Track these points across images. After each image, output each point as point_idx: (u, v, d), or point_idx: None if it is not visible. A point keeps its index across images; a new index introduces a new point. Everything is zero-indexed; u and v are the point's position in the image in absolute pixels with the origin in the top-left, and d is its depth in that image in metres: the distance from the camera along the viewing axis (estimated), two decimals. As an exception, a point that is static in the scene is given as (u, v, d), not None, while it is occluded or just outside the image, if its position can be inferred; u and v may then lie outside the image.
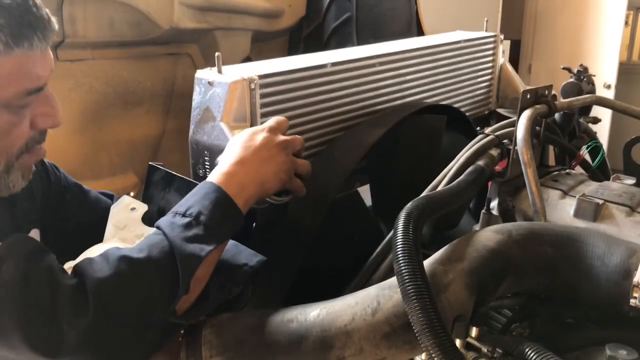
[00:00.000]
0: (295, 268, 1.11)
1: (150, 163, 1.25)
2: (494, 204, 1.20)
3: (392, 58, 1.48)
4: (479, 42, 1.79)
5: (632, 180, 1.26)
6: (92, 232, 1.13)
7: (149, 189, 1.22)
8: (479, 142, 1.24)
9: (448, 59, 1.68)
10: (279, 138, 1.04)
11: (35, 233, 1.09)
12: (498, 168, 1.23)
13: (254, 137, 1.03)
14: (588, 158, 1.54)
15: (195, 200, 0.94)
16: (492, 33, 1.84)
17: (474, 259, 0.92)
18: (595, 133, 1.65)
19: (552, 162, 1.51)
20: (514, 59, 4.64)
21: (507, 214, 1.18)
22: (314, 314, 0.92)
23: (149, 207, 1.16)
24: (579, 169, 1.46)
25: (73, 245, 1.02)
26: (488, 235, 0.96)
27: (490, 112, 1.89)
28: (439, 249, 0.97)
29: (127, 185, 1.88)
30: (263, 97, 1.19)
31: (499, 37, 1.85)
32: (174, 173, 1.19)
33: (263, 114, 1.19)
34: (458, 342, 0.85)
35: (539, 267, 0.95)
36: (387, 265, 1.09)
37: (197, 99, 1.20)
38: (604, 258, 0.90)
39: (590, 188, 1.18)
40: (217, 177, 0.98)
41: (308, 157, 1.28)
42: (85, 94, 1.78)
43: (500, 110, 1.87)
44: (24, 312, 0.78)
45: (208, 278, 0.93)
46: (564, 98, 1.56)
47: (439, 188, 1.14)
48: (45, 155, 1.01)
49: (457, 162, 1.19)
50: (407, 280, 0.81)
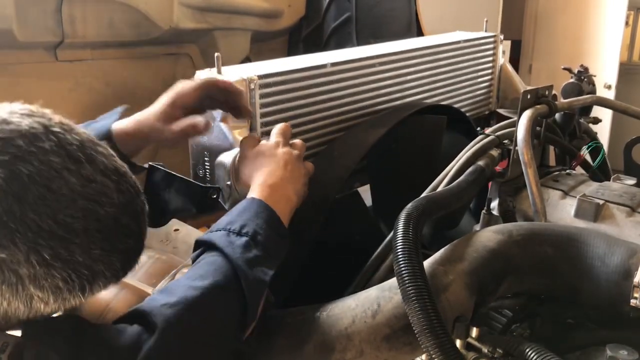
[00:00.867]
0: (297, 268, 1.11)
1: (150, 163, 1.24)
2: (495, 204, 1.20)
3: (392, 58, 1.48)
4: (479, 42, 1.79)
5: (632, 181, 1.26)
6: None
7: (149, 190, 1.22)
8: (480, 142, 1.24)
9: (448, 59, 1.68)
10: (296, 151, 1.05)
11: None
12: (498, 168, 1.23)
13: (276, 152, 1.02)
14: (588, 158, 1.54)
15: (249, 218, 0.89)
16: (491, 33, 1.84)
17: (474, 260, 0.92)
18: (596, 133, 1.65)
19: (552, 162, 1.51)
20: (515, 59, 4.64)
21: (507, 214, 1.17)
22: (315, 317, 0.92)
23: (149, 207, 1.15)
24: (580, 169, 1.46)
25: None
26: (488, 236, 0.96)
27: (491, 112, 1.89)
28: (439, 249, 0.96)
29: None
30: (262, 97, 1.19)
31: (499, 37, 1.85)
32: (174, 173, 1.19)
33: (263, 114, 1.19)
34: (458, 342, 0.85)
35: (540, 267, 0.95)
36: (387, 266, 1.09)
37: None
38: (605, 258, 0.90)
39: (591, 188, 1.18)
40: (260, 192, 0.96)
41: (308, 157, 1.28)
42: (85, 94, 1.78)
43: (501, 111, 1.87)
44: None
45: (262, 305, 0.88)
46: (565, 98, 1.56)
47: (439, 188, 1.14)
48: None
49: (457, 162, 1.19)
50: (407, 281, 0.81)
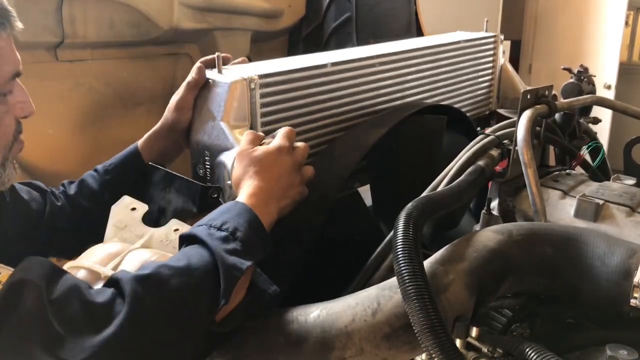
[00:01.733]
0: (297, 268, 1.11)
1: (151, 163, 1.25)
2: (495, 204, 1.20)
3: (392, 58, 1.47)
4: (479, 42, 1.79)
5: (632, 181, 1.26)
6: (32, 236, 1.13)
7: (149, 189, 1.22)
8: (479, 142, 1.24)
9: (448, 59, 1.67)
10: (295, 159, 1.05)
11: None
12: (498, 168, 1.23)
13: (272, 161, 1.03)
14: (588, 158, 1.54)
15: (230, 217, 0.93)
16: (492, 33, 1.84)
17: (474, 259, 0.92)
18: (596, 133, 1.65)
19: (552, 162, 1.51)
20: (515, 59, 4.64)
21: (507, 214, 1.17)
22: (314, 315, 0.92)
23: (150, 207, 1.16)
24: (579, 169, 1.46)
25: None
26: (488, 236, 0.96)
27: (491, 112, 1.89)
28: (439, 249, 0.97)
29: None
30: (263, 96, 1.19)
31: (499, 37, 1.85)
32: (174, 173, 1.19)
33: (263, 114, 1.19)
34: (458, 342, 0.85)
35: (539, 267, 0.95)
36: (387, 266, 1.09)
37: (197, 99, 1.20)
38: (604, 258, 0.90)
39: (591, 188, 1.18)
40: (246, 199, 0.98)
41: (308, 157, 1.28)
42: (85, 95, 1.78)
43: (501, 111, 1.87)
44: (57, 333, 0.74)
45: (243, 295, 0.91)
46: (565, 98, 1.56)
47: (440, 188, 1.14)
48: (23, 148, 1.02)
49: (457, 162, 1.19)
50: (407, 281, 0.81)
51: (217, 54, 1.19)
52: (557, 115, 1.40)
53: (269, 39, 2.29)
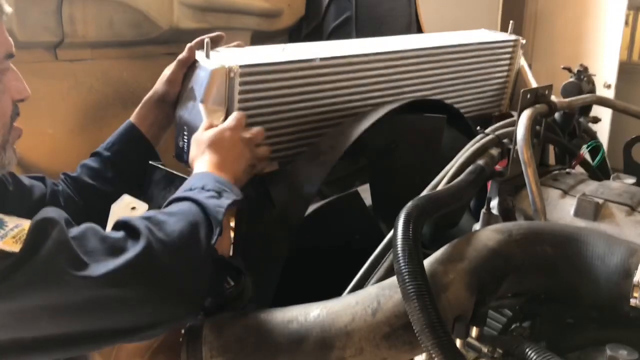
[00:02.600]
0: (283, 259, 1.13)
1: (151, 162, 1.25)
2: (494, 204, 1.20)
3: (392, 56, 1.43)
4: (498, 45, 1.71)
5: (632, 180, 1.26)
6: None
7: (150, 189, 1.23)
8: (479, 141, 1.24)
9: (455, 61, 1.61)
10: (244, 135, 1.15)
11: None
12: (498, 167, 1.23)
13: (222, 137, 1.12)
14: (588, 157, 1.54)
15: (195, 180, 1.03)
16: (514, 37, 1.76)
17: (474, 259, 0.92)
18: (596, 132, 1.65)
19: (552, 161, 1.51)
20: (514, 59, 4.63)
21: (507, 214, 1.17)
22: (314, 314, 0.92)
23: (150, 206, 1.16)
24: (579, 169, 1.46)
25: None
26: (488, 235, 0.96)
27: (501, 113, 1.85)
28: (439, 249, 0.97)
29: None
30: (242, 85, 1.21)
31: (520, 41, 1.77)
32: (175, 172, 1.20)
33: (241, 100, 1.22)
34: (458, 342, 0.85)
35: (539, 266, 0.95)
36: (387, 265, 1.09)
37: (185, 76, 1.28)
38: (604, 258, 0.90)
39: (591, 187, 1.18)
40: (204, 168, 1.08)
41: (291, 155, 1.31)
42: (85, 94, 1.78)
43: (514, 113, 1.83)
44: (81, 260, 0.82)
45: (228, 239, 1.02)
46: (564, 98, 1.56)
47: (439, 187, 1.14)
48: (22, 134, 1.05)
49: (457, 161, 1.19)
50: (407, 280, 0.81)
51: (206, 40, 1.23)
52: (556, 115, 1.40)
53: (269, 39, 2.29)
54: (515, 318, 1.04)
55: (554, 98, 1.28)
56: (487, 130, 1.28)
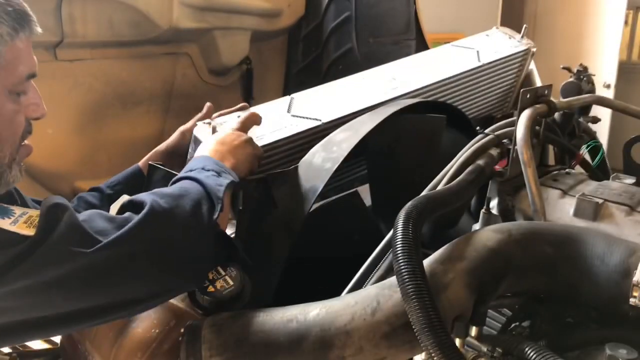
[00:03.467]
0: (284, 259, 1.12)
1: (150, 163, 1.25)
2: (494, 203, 1.20)
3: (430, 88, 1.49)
4: (513, 57, 1.76)
5: (631, 180, 1.26)
6: None
7: (149, 189, 1.22)
8: (479, 141, 1.24)
9: (478, 74, 1.67)
10: (247, 136, 1.21)
11: None
12: (498, 167, 1.23)
13: (225, 133, 1.20)
14: (588, 157, 1.54)
15: (195, 163, 1.08)
16: (526, 46, 1.79)
17: (474, 259, 0.92)
18: (595, 132, 1.65)
19: (552, 161, 1.51)
20: (514, 59, 4.62)
21: (506, 214, 1.17)
22: (314, 314, 0.92)
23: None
24: (579, 169, 1.46)
25: None
26: (488, 235, 0.96)
27: (504, 115, 1.86)
28: (439, 248, 0.97)
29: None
30: None
31: (532, 49, 1.81)
32: (175, 173, 1.19)
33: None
34: (458, 341, 0.85)
35: (539, 266, 0.95)
36: (386, 265, 1.09)
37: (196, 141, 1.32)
38: (604, 257, 0.90)
39: (590, 187, 1.18)
40: (204, 153, 1.13)
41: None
42: (85, 94, 1.78)
43: (515, 112, 1.84)
44: (92, 237, 0.87)
45: (226, 219, 1.05)
46: (564, 98, 1.56)
47: (439, 187, 1.14)
48: (31, 152, 1.04)
49: (456, 161, 1.19)
50: (406, 280, 0.81)
51: (213, 124, 1.30)
52: (556, 115, 1.40)
53: (269, 39, 2.29)
54: (515, 317, 1.04)
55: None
56: (486, 131, 1.28)
